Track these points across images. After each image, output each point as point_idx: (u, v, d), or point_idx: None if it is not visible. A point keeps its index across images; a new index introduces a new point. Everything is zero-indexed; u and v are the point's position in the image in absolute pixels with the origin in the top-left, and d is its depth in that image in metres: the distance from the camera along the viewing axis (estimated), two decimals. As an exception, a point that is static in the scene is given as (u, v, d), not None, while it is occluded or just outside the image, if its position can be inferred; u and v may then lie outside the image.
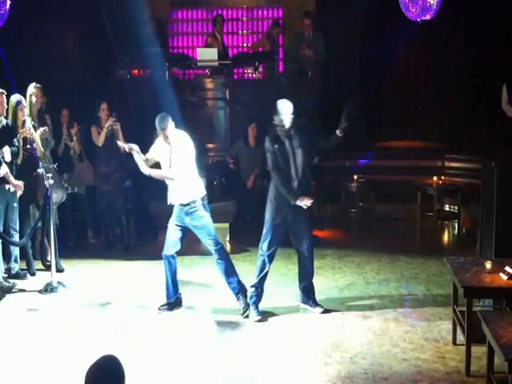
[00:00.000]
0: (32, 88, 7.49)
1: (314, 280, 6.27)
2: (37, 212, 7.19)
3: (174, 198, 6.15)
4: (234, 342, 5.63)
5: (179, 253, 6.25)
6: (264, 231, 6.14)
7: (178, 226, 6.16)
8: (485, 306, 5.80)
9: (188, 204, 6.07)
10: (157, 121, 6.01)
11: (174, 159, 6.04)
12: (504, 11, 10.08)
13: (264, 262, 6.15)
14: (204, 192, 6.20)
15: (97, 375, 2.95)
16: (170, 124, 6.01)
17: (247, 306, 6.13)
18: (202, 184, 6.26)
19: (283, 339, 5.67)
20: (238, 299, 6.19)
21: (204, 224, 6.12)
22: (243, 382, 4.94)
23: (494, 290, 4.97)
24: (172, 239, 6.17)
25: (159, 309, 6.23)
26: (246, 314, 6.09)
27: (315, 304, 6.21)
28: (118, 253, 8.19)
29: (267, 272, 6.19)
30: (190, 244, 6.18)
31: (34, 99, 7.46)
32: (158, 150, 6.22)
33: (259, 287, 6.17)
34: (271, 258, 6.17)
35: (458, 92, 10.93)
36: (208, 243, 6.16)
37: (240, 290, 6.18)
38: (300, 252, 6.21)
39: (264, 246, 6.12)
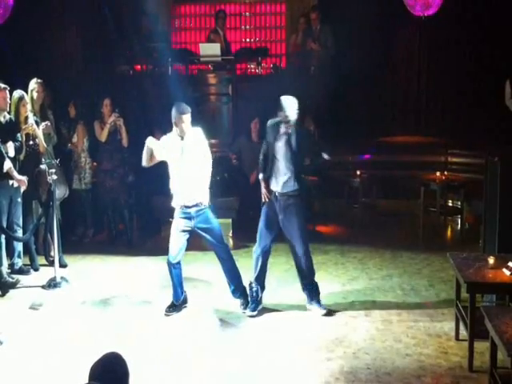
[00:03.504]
0: (33, 83, 7.48)
1: (316, 277, 6.20)
2: (40, 208, 7.20)
3: (185, 198, 5.95)
4: (236, 339, 5.63)
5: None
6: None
7: (184, 231, 6.01)
8: (488, 302, 5.81)
9: (196, 205, 5.96)
10: (176, 107, 5.87)
11: (190, 155, 5.90)
12: (507, 6, 10.04)
13: (257, 258, 6.13)
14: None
15: (101, 372, 2.96)
16: (188, 114, 5.89)
17: (247, 301, 6.14)
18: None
19: (286, 335, 5.68)
20: (236, 298, 6.21)
21: (213, 226, 6.07)
22: (245, 378, 4.95)
23: (497, 285, 4.97)
24: (179, 247, 6.02)
25: (167, 311, 6.11)
26: (246, 310, 6.09)
27: (318, 304, 6.13)
28: (120, 248, 8.20)
29: (262, 268, 6.16)
30: (192, 239, 6.16)
31: (35, 94, 7.46)
32: (167, 146, 5.96)
33: (257, 283, 6.14)
34: (264, 254, 6.13)
35: (461, 86, 10.89)
36: (214, 244, 6.12)
37: (239, 293, 6.18)
38: (293, 251, 6.13)
39: (256, 243, 6.14)
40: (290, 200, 6.00)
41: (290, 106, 5.93)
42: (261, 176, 6.19)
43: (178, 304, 6.17)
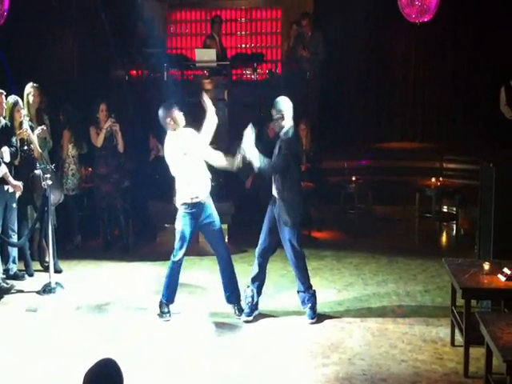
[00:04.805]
0: (29, 87, 7.47)
1: (312, 282, 6.17)
2: (34, 213, 7.18)
3: (203, 193, 6.03)
4: (231, 344, 5.62)
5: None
6: None
7: (193, 230, 6.05)
8: (483, 308, 5.81)
9: (202, 200, 6.02)
10: (164, 107, 6.01)
11: (196, 149, 6.01)
12: (503, 11, 10.09)
13: (255, 259, 6.14)
14: None
15: (95, 378, 2.95)
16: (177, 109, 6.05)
17: (241, 308, 6.13)
18: None
19: (281, 340, 5.67)
20: (229, 303, 6.20)
21: (216, 220, 6.13)
22: (240, 382, 4.94)
23: (492, 291, 4.98)
24: (187, 246, 6.06)
25: (164, 315, 6.09)
26: (241, 316, 6.08)
27: (309, 312, 6.05)
28: (116, 254, 8.18)
29: (260, 271, 6.13)
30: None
31: (31, 99, 7.45)
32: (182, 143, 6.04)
33: (253, 287, 6.12)
34: (262, 255, 6.11)
35: (457, 93, 10.93)
36: (215, 241, 6.16)
37: (234, 299, 6.16)
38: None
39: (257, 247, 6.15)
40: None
41: (287, 108, 5.93)
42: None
43: (169, 306, 6.14)
